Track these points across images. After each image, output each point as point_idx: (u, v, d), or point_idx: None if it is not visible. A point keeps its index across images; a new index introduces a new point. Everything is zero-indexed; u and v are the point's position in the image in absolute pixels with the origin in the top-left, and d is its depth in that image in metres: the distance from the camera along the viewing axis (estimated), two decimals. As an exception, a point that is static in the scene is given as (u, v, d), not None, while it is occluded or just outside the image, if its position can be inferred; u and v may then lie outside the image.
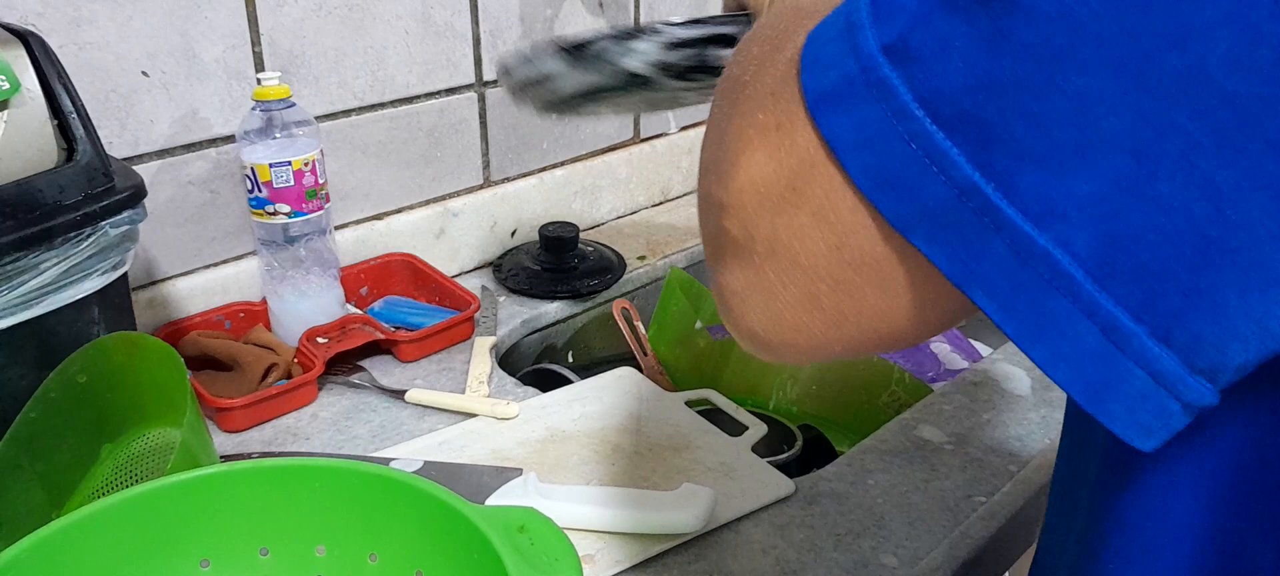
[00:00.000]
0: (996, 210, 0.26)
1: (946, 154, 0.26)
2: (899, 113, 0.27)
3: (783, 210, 0.31)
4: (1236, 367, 0.26)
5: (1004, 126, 0.26)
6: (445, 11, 1.00)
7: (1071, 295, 0.26)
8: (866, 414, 0.91)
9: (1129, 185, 0.24)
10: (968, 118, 0.26)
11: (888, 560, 0.65)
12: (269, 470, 0.52)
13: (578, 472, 0.73)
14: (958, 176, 0.26)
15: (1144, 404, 0.26)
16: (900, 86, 0.27)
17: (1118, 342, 0.26)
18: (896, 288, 0.30)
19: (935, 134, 0.27)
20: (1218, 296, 0.24)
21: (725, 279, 0.34)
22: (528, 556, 0.46)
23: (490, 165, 1.10)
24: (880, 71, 0.27)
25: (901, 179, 0.27)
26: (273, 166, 0.83)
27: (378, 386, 0.85)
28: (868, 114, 0.28)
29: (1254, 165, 0.23)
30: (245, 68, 0.88)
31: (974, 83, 0.26)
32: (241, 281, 0.93)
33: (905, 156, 0.27)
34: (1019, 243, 0.26)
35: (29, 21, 0.76)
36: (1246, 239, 0.24)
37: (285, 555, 0.52)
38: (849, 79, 0.28)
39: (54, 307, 0.64)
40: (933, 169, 0.27)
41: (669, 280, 1.01)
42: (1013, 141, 0.26)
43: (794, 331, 0.32)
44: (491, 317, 0.97)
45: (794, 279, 0.31)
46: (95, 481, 0.67)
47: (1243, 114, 0.23)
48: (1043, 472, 0.73)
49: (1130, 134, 0.24)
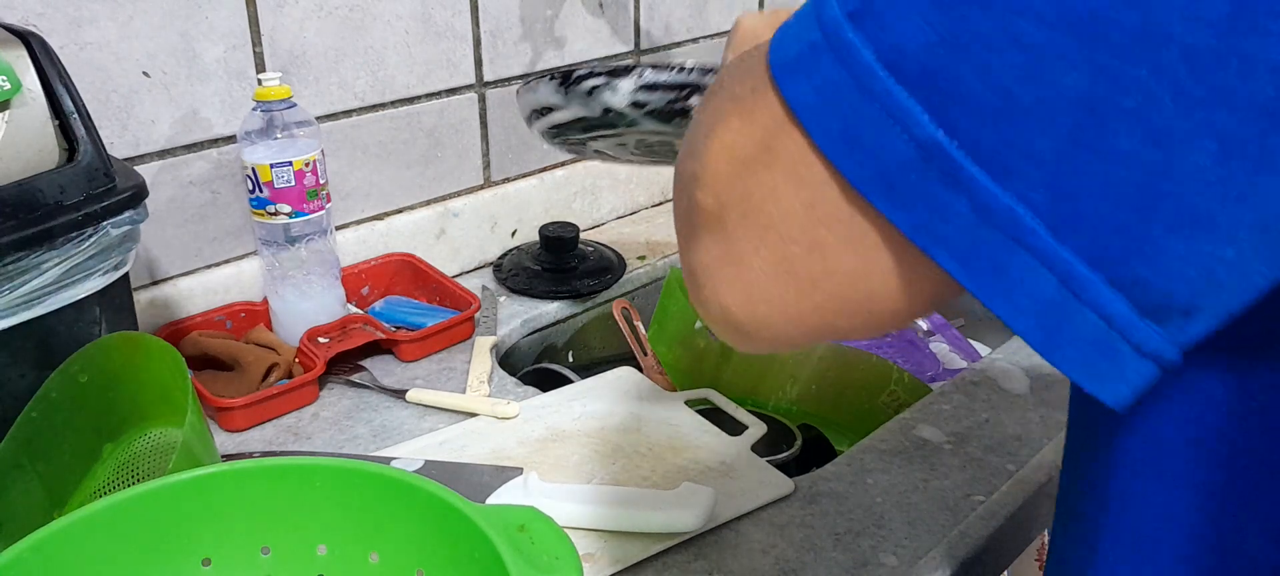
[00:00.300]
0: (959, 168, 0.26)
1: (909, 111, 0.27)
2: (861, 72, 0.27)
3: (754, 171, 0.31)
4: (1182, 310, 0.26)
5: (965, 83, 0.26)
6: (445, 12, 1.00)
7: (1031, 249, 0.26)
8: (866, 414, 0.91)
9: (1088, 139, 0.25)
10: (929, 74, 0.26)
11: (887, 559, 0.65)
12: (270, 469, 0.52)
13: (578, 472, 0.73)
14: (920, 134, 0.27)
15: (1096, 348, 0.27)
16: (862, 47, 0.27)
17: (1074, 290, 0.26)
18: (869, 247, 0.30)
19: (897, 91, 0.27)
20: (1164, 242, 0.25)
21: (697, 257, 0.34)
22: (528, 555, 0.46)
23: (490, 165, 1.10)
24: (842, 34, 0.28)
25: (863, 139, 0.28)
26: (274, 167, 0.83)
27: (379, 386, 0.85)
28: (830, 76, 0.28)
29: (1206, 115, 0.24)
30: (246, 68, 0.88)
31: (935, 39, 0.26)
32: (242, 281, 0.93)
33: (867, 115, 0.27)
34: (981, 201, 0.26)
35: (30, 22, 0.76)
36: (1192, 186, 0.24)
37: (286, 554, 0.52)
38: (813, 45, 0.29)
39: (55, 307, 0.65)
40: (895, 127, 0.27)
41: (669, 280, 1.01)
42: (974, 98, 0.26)
43: (766, 303, 0.32)
44: (492, 317, 0.97)
45: (766, 242, 0.31)
46: (96, 481, 0.68)
47: (1197, 66, 0.24)
48: (1041, 472, 0.73)
49: (1089, 89, 0.25)
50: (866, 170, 0.28)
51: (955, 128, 0.26)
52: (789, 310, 0.32)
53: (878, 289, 0.30)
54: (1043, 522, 0.74)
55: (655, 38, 1.20)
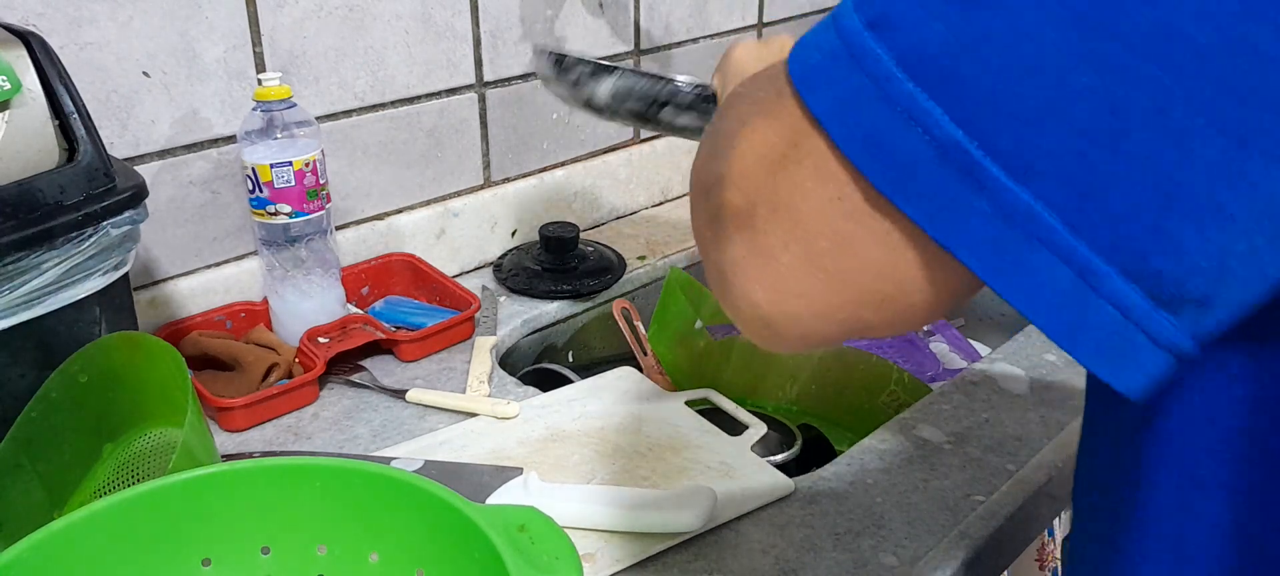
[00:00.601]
0: (978, 167, 0.27)
1: (929, 112, 0.27)
2: (881, 77, 0.28)
3: (784, 167, 0.31)
4: (1197, 301, 0.27)
5: (983, 83, 0.26)
6: (445, 12, 1.00)
7: (1050, 245, 0.27)
8: (866, 414, 0.91)
9: (1104, 137, 0.25)
10: (948, 76, 0.27)
11: (887, 559, 0.65)
12: (270, 469, 0.52)
13: (578, 472, 0.73)
14: (940, 134, 0.27)
15: (1113, 338, 0.27)
16: (882, 53, 0.28)
17: (1091, 283, 0.27)
18: (895, 243, 0.30)
19: (917, 94, 0.27)
20: (1177, 234, 0.26)
21: (726, 255, 0.34)
22: (528, 555, 0.46)
23: (490, 165, 1.10)
24: (863, 41, 0.28)
25: (885, 141, 0.28)
26: (274, 167, 0.83)
27: (378, 386, 0.85)
28: (851, 82, 0.29)
29: (1217, 111, 0.24)
30: (246, 68, 0.88)
31: (953, 41, 0.27)
32: (242, 281, 0.93)
33: (888, 118, 0.28)
34: (1001, 200, 0.27)
35: (30, 22, 0.76)
36: (1204, 179, 0.25)
37: (286, 554, 0.52)
38: (833, 54, 0.29)
39: (55, 307, 0.65)
40: (915, 128, 0.28)
41: (669, 280, 1.01)
42: (992, 98, 0.26)
43: (796, 298, 0.32)
44: (492, 317, 0.97)
45: (795, 236, 0.32)
46: (96, 481, 0.68)
47: (1209, 63, 0.24)
48: (1042, 472, 0.73)
49: (1104, 87, 0.25)
50: (889, 171, 0.29)
51: (974, 128, 0.27)
52: (818, 304, 0.32)
53: (905, 283, 0.31)
54: (1043, 522, 0.74)
55: (655, 38, 1.20)
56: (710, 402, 0.84)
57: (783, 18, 1.35)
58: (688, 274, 1.03)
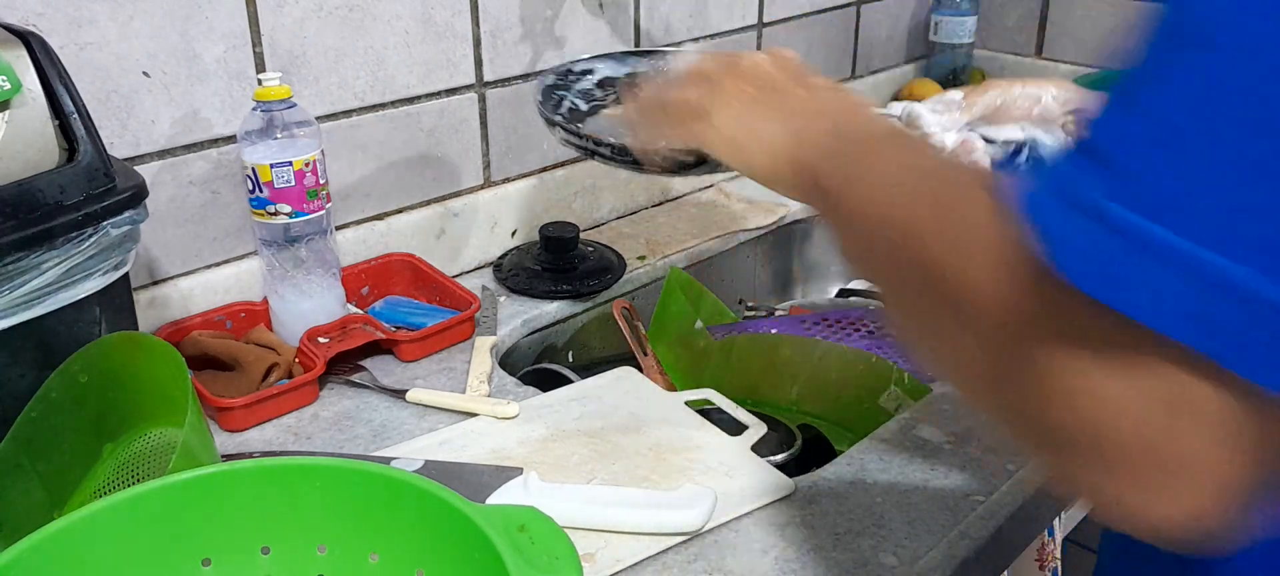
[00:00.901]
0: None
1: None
2: (1198, 269, 0.30)
3: (1177, 416, 0.32)
4: None
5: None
6: (445, 12, 1.00)
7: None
8: (866, 414, 0.91)
9: None
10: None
11: (887, 559, 0.65)
12: (270, 469, 0.52)
13: (578, 472, 0.73)
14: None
15: None
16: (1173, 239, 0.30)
17: None
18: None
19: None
20: None
21: (1088, 481, 0.35)
22: (528, 555, 0.46)
23: (490, 165, 1.10)
24: (1149, 236, 0.30)
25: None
26: (274, 167, 0.83)
27: (378, 386, 0.85)
28: (1166, 281, 0.30)
29: None
30: (246, 68, 0.88)
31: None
32: (242, 281, 0.93)
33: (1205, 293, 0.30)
34: None
35: (30, 22, 0.76)
36: None
37: (286, 554, 0.52)
38: (1136, 258, 0.31)
39: (55, 308, 0.65)
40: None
41: (669, 280, 1.01)
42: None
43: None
44: (492, 317, 0.97)
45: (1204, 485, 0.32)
46: (96, 481, 0.68)
47: None
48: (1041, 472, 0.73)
49: None
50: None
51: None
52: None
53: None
54: (1043, 522, 0.74)
55: (655, 38, 1.20)
56: (710, 402, 0.84)
57: (783, 18, 1.35)
58: (687, 274, 1.03)
